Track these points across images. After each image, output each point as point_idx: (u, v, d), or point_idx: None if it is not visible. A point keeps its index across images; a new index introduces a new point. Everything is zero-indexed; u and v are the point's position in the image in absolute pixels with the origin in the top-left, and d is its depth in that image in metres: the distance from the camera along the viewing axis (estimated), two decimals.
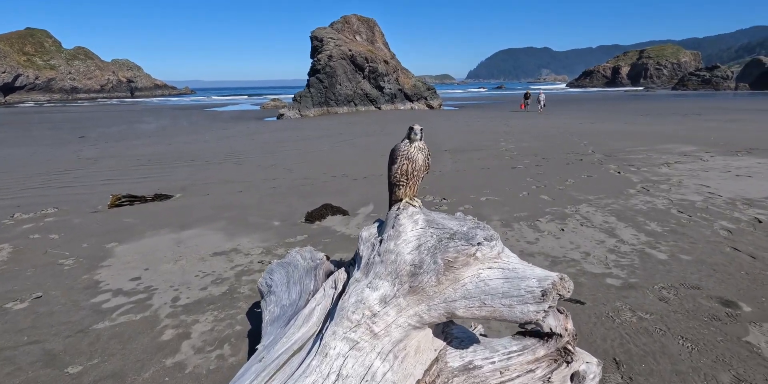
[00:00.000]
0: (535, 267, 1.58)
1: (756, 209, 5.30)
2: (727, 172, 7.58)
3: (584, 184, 6.98)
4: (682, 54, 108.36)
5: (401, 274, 1.60)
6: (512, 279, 1.51)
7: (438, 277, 1.54)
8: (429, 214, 1.85)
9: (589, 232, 4.71)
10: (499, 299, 1.49)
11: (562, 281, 1.46)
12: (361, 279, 1.68)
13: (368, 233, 1.87)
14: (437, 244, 1.61)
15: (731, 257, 3.88)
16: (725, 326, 2.81)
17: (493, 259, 1.56)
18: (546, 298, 1.42)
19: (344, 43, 39.12)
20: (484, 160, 9.76)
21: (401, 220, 1.74)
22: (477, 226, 1.68)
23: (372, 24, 45.14)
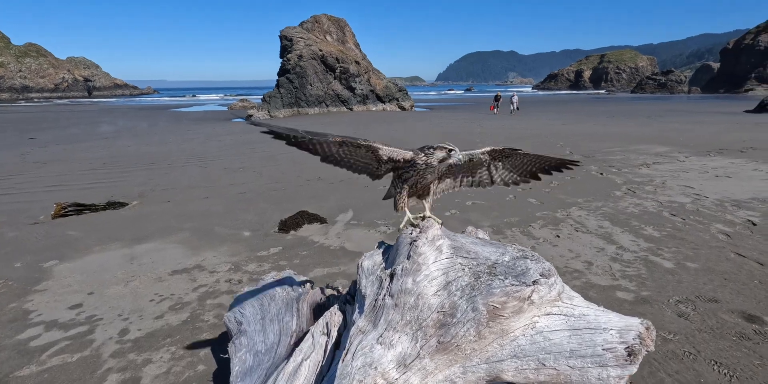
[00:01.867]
0: (609, 312, 1.19)
1: (746, 211, 5.20)
2: (705, 172, 7.59)
3: (569, 186, 6.77)
4: (639, 59, 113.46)
5: (425, 325, 1.17)
6: (582, 330, 1.11)
7: (479, 329, 1.13)
8: (455, 239, 1.43)
9: (586, 238, 4.43)
10: (565, 360, 1.09)
11: (649, 331, 1.09)
12: (367, 329, 1.23)
13: (371, 262, 1.43)
14: (474, 282, 1.19)
15: (738, 264, 3.67)
16: (758, 347, 2.53)
17: (553, 302, 1.17)
18: (633, 358, 1.03)
19: (314, 43, 38.39)
20: None
21: (420, 248, 1.31)
22: (523, 254, 1.27)
23: (342, 24, 44.58)
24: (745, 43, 76.01)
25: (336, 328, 1.45)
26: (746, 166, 8.02)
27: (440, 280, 1.24)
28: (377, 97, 39.68)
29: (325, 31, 43.25)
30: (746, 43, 75.55)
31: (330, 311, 1.54)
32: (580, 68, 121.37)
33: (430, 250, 1.31)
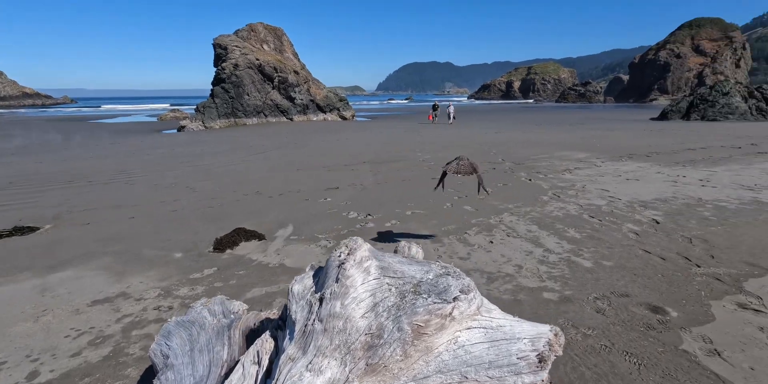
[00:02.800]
0: (523, 322, 1.28)
1: (651, 210, 5.82)
2: (618, 176, 8.40)
3: (502, 193, 7.17)
4: (561, 71, 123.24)
5: (354, 348, 1.19)
6: (499, 342, 1.19)
7: (405, 348, 1.17)
8: (383, 259, 1.46)
9: (516, 242, 4.71)
10: (485, 371, 1.16)
11: (557, 338, 1.19)
12: (297, 356, 1.23)
13: (302, 287, 1.43)
14: (399, 302, 1.23)
15: (645, 260, 4.09)
16: (661, 335, 2.83)
17: (473, 316, 1.24)
18: (544, 364, 1.12)
19: (251, 52, 37.49)
20: (404, 171, 9.69)
21: (348, 270, 1.33)
22: (446, 271, 1.34)
23: (280, 33, 43.99)
24: (648, 58, 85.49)
25: (267, 355, 1.42)
26: (651, 170, 8.99)
27: (368, 301, 1.27)
28: (318, 106, 39.48)
29: (262, 39, 42.43)
30: (649, 58, 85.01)
31: (261, 338, 1.51)
32: (510, 79, 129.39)
33: (358, 272, 1.33)
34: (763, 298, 3.28)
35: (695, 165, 9.45)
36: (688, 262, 4.00)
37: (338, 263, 1.37)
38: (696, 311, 3.12)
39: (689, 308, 3.17)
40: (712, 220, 5.31)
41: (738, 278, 3.63)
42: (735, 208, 5.84)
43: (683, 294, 3.39)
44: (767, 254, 4.14)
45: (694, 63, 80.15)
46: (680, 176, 8.16)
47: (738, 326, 2.90)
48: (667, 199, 6.40)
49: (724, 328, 2.89)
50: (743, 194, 6.59)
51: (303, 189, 7.97)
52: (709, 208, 5.88)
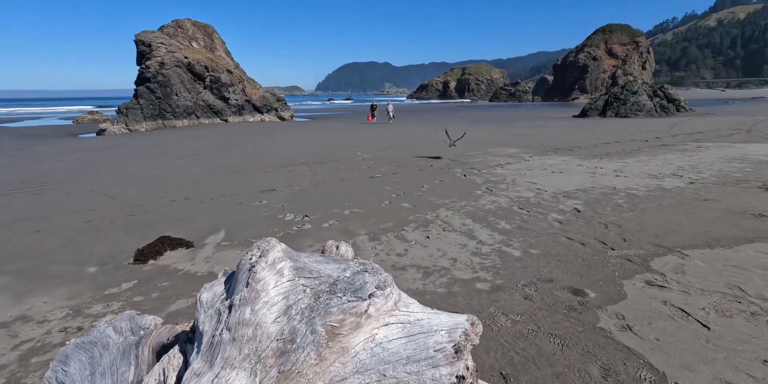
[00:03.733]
0: (441, 313, 1.28)
1: (573, 200, 6.25)
2: (545, 169, 8.95)
3: (439, 189, 7.35)
4: (493, 72, 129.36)
5: (265, 356, 1.11)
6: (416, 336, 1.17)
7: (319, 351, 1.11)
8: (298, 259, 1.39)
9: (452, 236, 4.83)
10: (403, 367, 1.13)
11: (474, 327, 1.19)
12: (202, 371, 1.13)
13: (211, 294, 1.32)
14: (313, 303, 1.17)
15: (567, 247, 4.38)
16: (581, 316, 3.03)
17: (390, 312, 1.21)
18: (460, 354, 1.12)
19: (178, 50, 35.33)
20: (343, 171, 9.61)
21: (259, 273, 1.24)
22: (363, 268, 1.30)
23: (210, 30, 41.91)
24: (569, 60, 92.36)
25: (175, 372, 1.30)
26: (573, 163, 9.69)
27: (280, 305, 1.20)
28: (254, 107, 38.16)
29: (191, 37, 40.17)
30: (570, 60, 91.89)
31: (168, 354, 1.38)
32: (447, 79, 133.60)
33: (270, 274, 1.26)
34: (666, 274, 3.63)
35: (610, 157, 10.33)
36: (604, 246, 4.34)
37: (249, 266, 1.28)
38: (611, 291, 3.38)
39: (605, 288, 3.42)
40: (625, 206, 5.82)
41: (646, 258, 3.99)
42: (643, 195, 6.44)
43: (600, 276, 3.66)
44: (669, 235, 4.60)
45: (608, 65, 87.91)
46: (598, 168, 8.87)
47: (646, 302, 3.18)
48: (587, 189, 6.92)
49: (634, 304, 3.15)
50: (650, 182, 7.30)
51: (237, 192, 7.62)
52: (622, 196, 6.43)
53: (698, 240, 4.41)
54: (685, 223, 4.99)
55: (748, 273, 3.57)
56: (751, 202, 5.82)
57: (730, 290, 3.29)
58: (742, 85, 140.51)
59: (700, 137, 14.19)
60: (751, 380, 2.28)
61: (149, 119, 31.65)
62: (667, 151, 11.04)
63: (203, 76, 35.30)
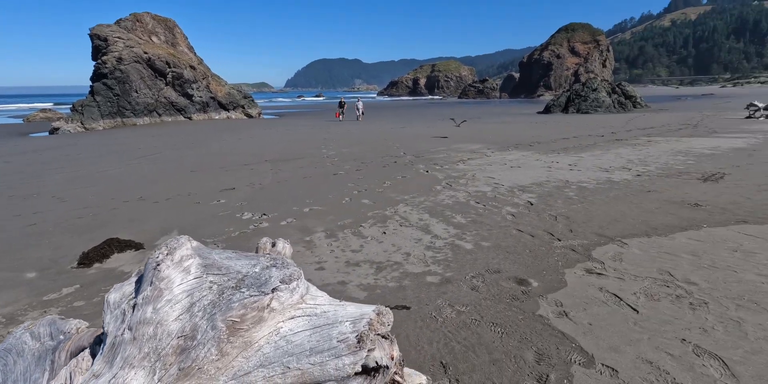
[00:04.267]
0: (348, 305, 1.31)
1: (527, 194, 6.46)
2: (504, 164, 9.18)
3: (400, 185, 7.41)
4: (462, 69, 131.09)
5: (165, 354, 1.11)
6: (321, 327, 1.20)
7: (221, 346, 1.12)
8: (208, 256, 1.38)
9: (408, 231, 4.90)
10: (306, 358, 1.15)
11: (380, 316, 1.23)
12: (102, 372, 1.12)
13: (119, 295, 1.30)
14: (217, 299, 1.18)
15: (517, 238, 4.53)
16: (522, 304, 3.15)
17: (296, 305, 1.23)
18: (362, 343, 1.16)
19: (138, 45, 33.98)
20: (307, 168, 9.54)
21: (163, 271, 1.23)
22: (273, 263, 1.31)
23: (171, 25, 40.46)
24: (534, 58, 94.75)
25: (83, 375, 1.28)
26: (531, 158, 9.99)
27: (184, 302, 1.20)
28: (220, 104, 37.23)
29: (150, 31, 38.69)
30: (535, 58, 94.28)
31: (77, 357, 1.35)
32: (417, 76, 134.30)
33: (176, 272, 1.25)
34: (605, 262, 3.82)
35: (567, 152, 10.71)
36: (551, 237, 4.51)
37: (154, 265, 1.27)
38: (553, 280, 3.53)
39: (548, 277, 3.57)
40: (575, 199, 6.07)
41: (588, 248, 4.18)
42: (593, 187, 6.73)
43: (545, 265, 3.81)
44: (613, 225, 4.83)
45: (571, 63, 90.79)
46: (554, 162, 9.19)
47: (584, 289, 3.34)
48: (542, 183, 7.16)
49: (573, 291, 3.30)
50: (600, 175, 7.62)
51: (195, 192, 7.43)
52: (573, 189, 6.70)
53: (638, 229, 4.66)
54: (628, 214, 5.25)
55: (679, 259, 3.81)
56: (689, 192, 6.19)
57: (661, 275, 3.50)
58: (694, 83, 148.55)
59: (651, 132, 14.92)
60: (669, 358, 2.44)
61: (107, 117, 30.33)
62: (620, 146, 11.55)
63: (165, 72, 34.09)
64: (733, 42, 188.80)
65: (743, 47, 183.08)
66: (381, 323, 1.22)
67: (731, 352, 2.46)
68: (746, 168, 7.91)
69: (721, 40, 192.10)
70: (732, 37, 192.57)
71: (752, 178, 7.05)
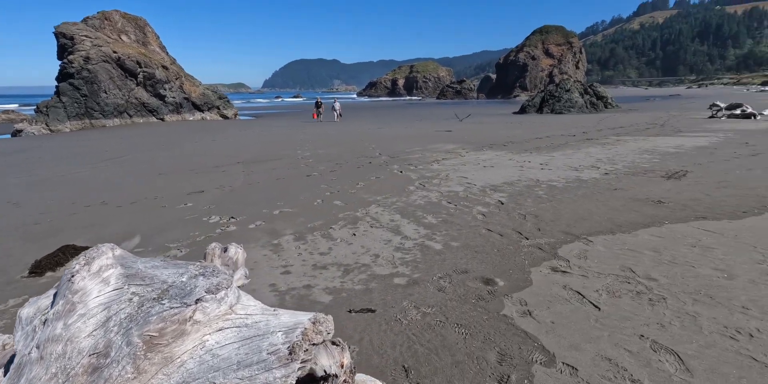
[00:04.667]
0: (283, 313, 1.24)
1: (499, 193, 6.51)
2: (478, 164, 9.25)
3: (373, 186, 7.36)
4: (440, 70, 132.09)
5: (74, 374, 1.02)
6: (251, 339, 1.13)
7: (137, 363, 1.04)
8: (132, 265, 1.29)
9: (378, 232, 4.85)
10: (234, 373, 1.08)
11: (316, 325, 1.17)
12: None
13: (33, 309, 1.20)
14: (135, 312, 1.09)
15: (486, 238, 4.54)
16: (488, 304, 3.14)
17: (224, 316, 1.16)
18: (295, 355, 1.09)
19: (106, 44, 32.94)
20: (280, 169, 9.38)
21: (77, 283, 1.14)
22: (201, 271, 1.23)
23: (142, 24, 39.39)
24: (510, 59, 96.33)
25: None
26: (505, 157, 10.10)
27: (100, 317, 1.11)
28: (194, 105, 36.44)
29: (120, 30, 37.59)
30: (511, 59, 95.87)
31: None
32: (395, 77, 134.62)
33: (94, 283, 1.16)
34: (570, 260, 3.86)
35: (539, 151, 10.87)
36: (519, 236, 4.54)
37: (69, 276, 1.17)
38: (519, 278, 3.54)
39: (514, 276, 3.58)
40: (544, 197, 6.14)
41: (555, 246, 4.22)
42: (562, 186, 6.83)
43: (511, 264, 3.83)
44: (580, 223, 4.90)
45: (545, 64, 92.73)
46: (526, 162, 9.31)
47: (548, 287, 3.35)
48: (513, 183, 7.23)
49: (537, 290, 3.32)
50: (570, 174, 7.76)
51: (162, 195, 7.19)
52: (543, 188, 6.78)
53: (603, 227, 4.74)
54: (595, 212, 5.34)
55: (641, 255, 3.88)
56: (653, 189, 6.36)
57: (623, 272, 3.55)
58: (662, 84, 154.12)
59: (621, 131, 15.33)
60: (627, 354, 2.47)
61: (74, 118, 29.26)
62: (590, 145, 11.81)
63: (135, 72, 33.14)
64: (697, 45, 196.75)
65: (707, 50, 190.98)
66: (317, 332, 1.16)
67: (686, 347, 2.50)
68: (707, 166, 8.19)
69: (687, 42, 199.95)
70: (696, 40, 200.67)
71: (712, 175, 7.30)
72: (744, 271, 3.49)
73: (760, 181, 6.74)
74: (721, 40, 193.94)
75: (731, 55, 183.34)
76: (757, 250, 3.92)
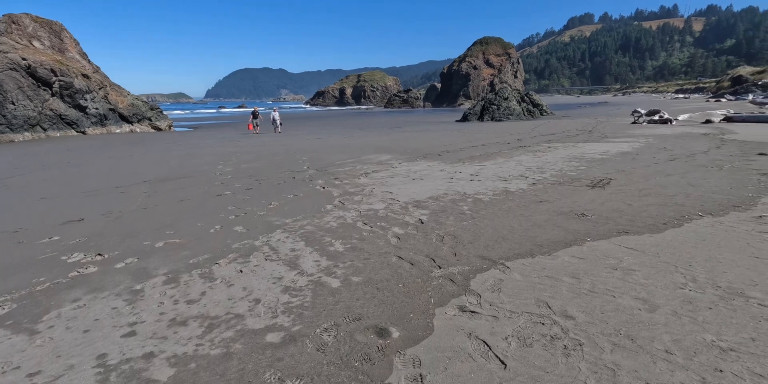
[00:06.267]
0: None
1: (421, 210, 5.98)
2: (407, 176, 8.75)
3: (287, 206, 6.59)
4: (387, 79, 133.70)
5: None
6: None
7: None
8: None
9: (270, 268, 4.09)
10: None
11: None
12: None
13: None
14: None
15: (394, 269, 3.93)
16: (373, 369, 2.49)
17: None
18: None
19: (14, 50, 29.68)
20: (189, 189, 8.35)
21: None
22: None
23: (58, 28, 36.15)
24: (453, 68, 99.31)
25: None
26: (437, 168, 9.71)
27: None
28: (121, 116, 33.77)
29: (31, 35, 34.23)
30: (454, 69, 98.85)
31: None
32: (343, 86, 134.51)
33: None
34: (482, 295, 3.32)
35: (472, 161, 10.62)
36: (432, 264, 3.98)
37: None
38: (419, 325, 2.93)
39: (414, 322, 2.97)
40: (467, 214, 5.68)
41: (468, 276, 3.69)
42: (488, 200, 6.44)
43: (414, 305, 3.22)
44: (499, 244, 4.44)
45: (486, 73, 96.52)
46: (457, 173, 8.95)
47: (451, 336, 2.77)
48: (439, 197, 6.75)
49: (438, 342, 2.72)
50: (498, 185, 7.44)
51: (26, 227, 5.98)
52: (469, 202, 6.35)
53: (523, 247, 4.30)
54: (517, 229, 4.93)
55: (558, 284, 3.43)
56: (578, 200, 6.12)
57: (538, 309, 3.06)
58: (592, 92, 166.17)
59: (552, 138, 15.64)
60: None
61: None
62: (522, 153, 11.77)
63: (49, 82, 30.11)
64: (620, 56, 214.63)
65: (629, 61, 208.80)
66: None
67: None
68: (629, 172, 8.22)
69: (611, 54, 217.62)
70: (620, 52, 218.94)
71: (634, 182, 7.26)
72: (666, 299, 3.12)
73: (678, 187, 6.75)
74: (640, 52, 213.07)
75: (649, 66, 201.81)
76: (678, 270, 3.61)
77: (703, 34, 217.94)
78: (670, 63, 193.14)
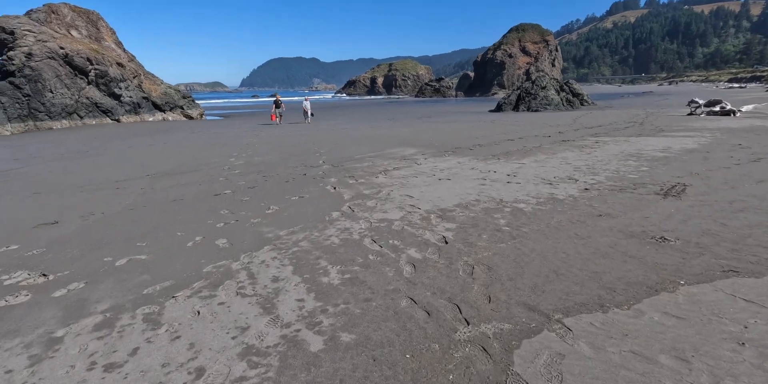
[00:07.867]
0: None
1: (446, 223, 4.80)
2: (432, 175, 7.55)
3: (286, 211, 5.58)
4: (419, 68, 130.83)
5: None
6: None
7: None
8: None
9: (237, 309, 3.06)
10: None
11: None
12: None
13: None
14: None
15: (403, 321, 2.81)
16: None
17: None
18: None
19: (52, 39, 30.18)
20: (188, 186, 7.49)
21: None
22: None
23: (95, 18, 36.65)
24: (488, 57, 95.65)
25: None
26: (467, 165, 8.44)
27: None
28: (154, 105, 33.99)
29: (69, 24, 34.81)
30: (489, 57, 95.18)
31: None
32: (374, 75, 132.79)
33: None
34: (531, 383, 2.16)
35: (509, 157, 9.26)
36: (456, 317, 2.83)
37: None
38: None
39: None
40: (505, 231, 4.46)
41: (509, 343, 2.52)
42: (531, 210, 5.17)
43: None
44: (551, 285, 3.23)
45: (522, 62, 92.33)
46: (491, 172, 7.65)
47: None
48: (469, 205, 5.54)
49: None
50: (542, 190, 6.13)
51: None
52: (506, 213, 5.11)
53: (587, 291, 3.08)
54: (573, 257, 3.69)
55: (655, 371, 2.20)
56: (649, 216, 4.76)
57: None
58: (635, 81, 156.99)
59: (599, 131, 13.92)
60: None
61: (16, 120, 26.57)
62: (566, 148, 10.27)
63: (86, 70, 30.53)
64: (667, 43, 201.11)
65: (677, 48, 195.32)
66: None
67: None
68: (706, 176, 6.70)
69: (657, 41, 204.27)
70: (666, 39, 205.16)
71: (717, 190, 5.78)
72: None
73: None
74: (689, 38, 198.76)
75: (699, 54, 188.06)
76: None
77: (762, 18, 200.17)
78: (723, 50, 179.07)
